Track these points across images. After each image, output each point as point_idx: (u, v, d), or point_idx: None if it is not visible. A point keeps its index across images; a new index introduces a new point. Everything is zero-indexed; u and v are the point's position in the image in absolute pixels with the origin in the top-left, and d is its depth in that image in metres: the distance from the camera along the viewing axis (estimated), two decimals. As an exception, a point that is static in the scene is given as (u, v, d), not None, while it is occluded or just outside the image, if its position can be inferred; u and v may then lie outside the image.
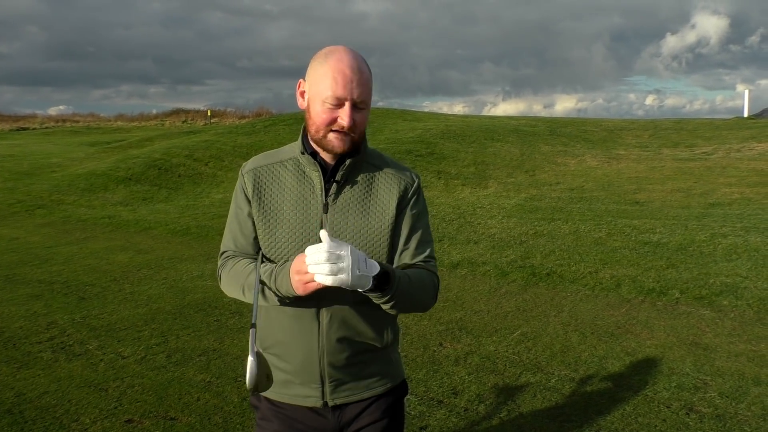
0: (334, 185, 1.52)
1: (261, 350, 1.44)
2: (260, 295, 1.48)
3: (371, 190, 1.55)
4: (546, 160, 13.79)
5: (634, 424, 3.37)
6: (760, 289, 5.55)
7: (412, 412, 3.53)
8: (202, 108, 38.55)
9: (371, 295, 1.43)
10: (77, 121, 37.48)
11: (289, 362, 1.54)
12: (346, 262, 1.31)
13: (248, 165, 1.62)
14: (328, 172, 1.53)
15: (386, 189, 1.55)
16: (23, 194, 12.81)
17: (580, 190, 10.85)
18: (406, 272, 1.50)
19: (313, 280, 1.34)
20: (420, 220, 1.59)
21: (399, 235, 1.56)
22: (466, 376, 4.02)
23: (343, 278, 1.32)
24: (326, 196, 1.52)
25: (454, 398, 3.71)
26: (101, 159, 17.52)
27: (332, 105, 1.44)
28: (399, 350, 1.72)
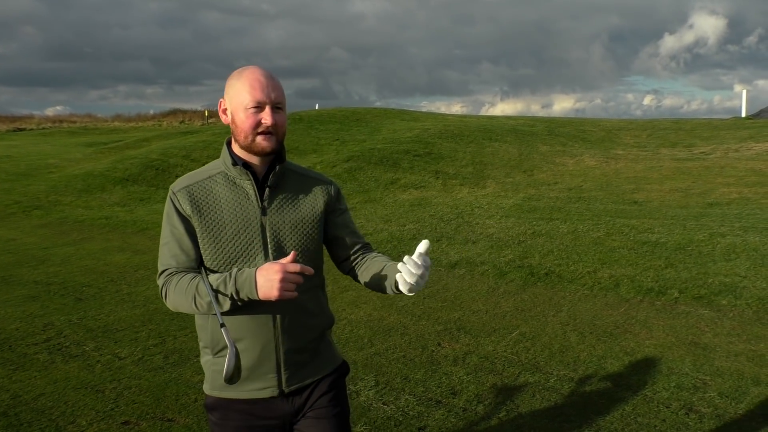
0: (267, 190, 1.70)
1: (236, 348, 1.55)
2: (217, 300, 1.59)
3: (299, 192, 1.76)
4: (544, 160, 13.79)
5: (634, 424, 3.36)
6: (759, 288, 5.55)
7: (411, 413, 3.52)
8: (199, 108, 38.46)
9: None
10: (74, 122, 37.41)
11: (246, 358, 1.66)
12: (426, 277, 1.58)
13: (177, 185, 1.72)
14: (258, 181, 1.70)
15: (313, 191, 1.78)
16: (20, 195, 12.77)
17: (578, 189, 10.84)
18: (385, 258, 1.77)
19: (290, 291, 1.53)
20: (347, 212, 1.86)
21: (338, 227, 1.81)
22: (465, 376, 4.00)
23: (419, 288, 1.58)
24: (261, 200, 1.69)
25: (453, 398, 3.70)
26: (98, 160, 17.48)
27: (254, 108, 1.62)
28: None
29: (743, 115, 22.16)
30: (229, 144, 1.74)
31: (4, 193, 13.05)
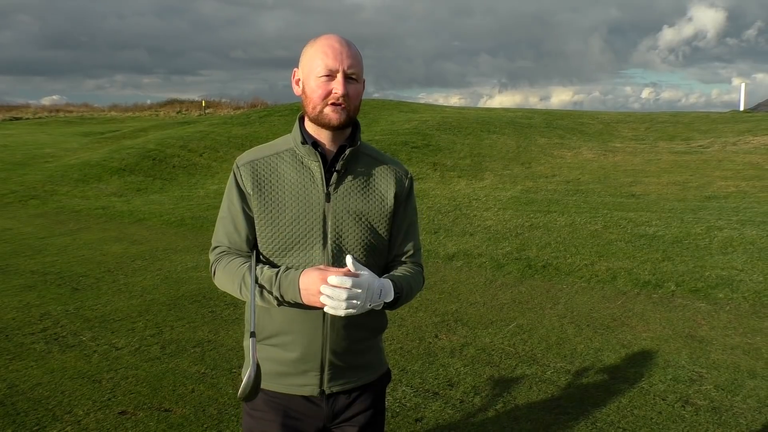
0: (335, 175, 1.55)
1: (258, 360, 1.45)
2: (258, 297, 1.51)
3: (370, 179, 1.59)
4: (542, 153, 13.78)
5: (630, 416, 3.37)
6: (755, 281, 5.56)
7: (408, 404, 3.52)
8: (196, 98, 38.34)
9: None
10: (71, 111, 37.25)
11: (292, 351, 1.57)
12: (360, 300, 1.40)
13: (243, 158, 1.61)
14: (327, 163, 1.56)
15: (384, 180, 1.61)
16: (16, 184, 12.72)
17: (576, 182, 10.84)
18: (409, 281, 1.60)
19: (336, 306, 1.40)
20: (414, 215, 1.69)
21: (396, 224, 1.64)
22: (462, 368, 4.01)
23: (352, 312, 1.41)
24: (327, 185, 1.55)
25: (450, 390, 3.70)
26: (95, 149, 17.42)
27: (325, 77, 1.47)
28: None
29: (741, 108, 22.17)
30: (302, 120, 1.59)
31: (1, 182, 12.99)
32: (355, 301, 1.39)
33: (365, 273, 1.44)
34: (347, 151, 1.56)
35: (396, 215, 1.63)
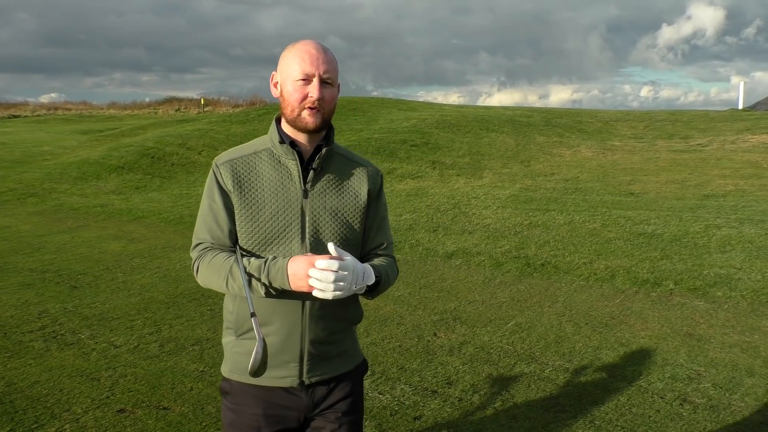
0: (312, 173, 1.64)
1: (264, 337, 1.52)
2: (249, 285, 1.55)
3: (344, 177, 1.69)
4: (541, 151, 13.78)
5: (628, 414, 3.37)
6: (753, 280, 5.57)
7: (406, 402, 3.52)
8: (195, 96, 38.29)
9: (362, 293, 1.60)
10: (69, 109, 37.19)
11: (270, 344, 1.60)
12: (347, 282, 1.48)
13: (222, 158, 1.67)
14: (304, 161, 1.64)
15: (358, 178, 1.71)
16: (15, 182, 12.70)
17: (575, 180, 10.84)
18: (386, 270, 1.68)
19: (324, 288, 1.46)
20: (385, 210, 1.78)
21: (369, 219, 1.72)
22: (461, 366, 4.01)
23: (339, 294, 1.48)
24: (305, 182, 1.63)
25: (449, 388, 3.71)
26: (93, 147, 17.40)
27: (302, 81, 1.56)
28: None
29: (740, 107, 22.18)
30: (278, 121, 1.69)
31: (-1, 180, 12.97)
32: (341, 283, 1.46)
33: (349, 257, 1.51)
34: (324, 150, 1.64)
35: (369, 210, 1.72)
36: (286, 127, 1.66)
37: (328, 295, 1.46)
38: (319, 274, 1.45)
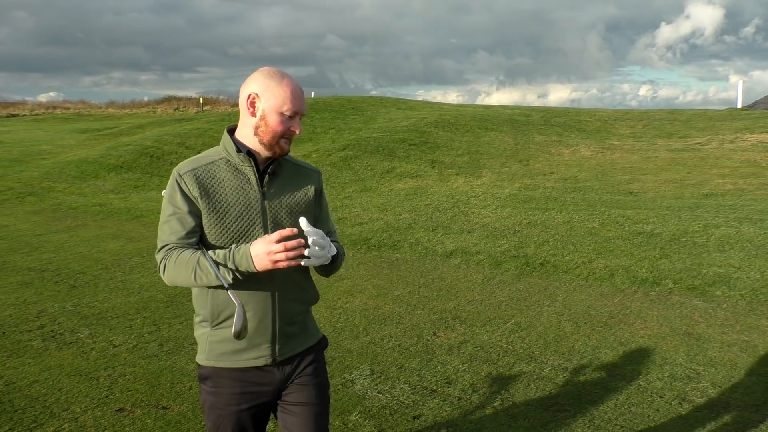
0: (267, 177, 1.85)
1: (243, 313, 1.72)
2: (219, 272, 1.73)
3: (294, 179, 1.92)
4: (540, 150, 13.78)
5: (628, 413, 3.37)
6: (752, 279, 5.57)
7: (406, 402, 3.52)
8: (194, 95, 38.22)
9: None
10: (68, 108, 37.15)
11: (248, 329, 1.79)
12: (327, 249, 1.76)
13: (183, 168, 1.83)
14: (259, 168, 1.85)
15: (305, 179, 1.95)
16: (13, 181, 12.68)
17: (573, 180, 10.85)
18: (340, 248, 1.95)
19: (278, 261, 1.67)
20: (327, 203, 2.05)
21: (317, 212, 1.97)
22: (460, 366, 4.01)
23: (323, 261, 1.76)
24: (262, 186, 1.84)
25: (448, 387, 3.71)
26: (92, 146, 17.37)
27: (289, 116, 1.80)
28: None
29: (739, 106, 22.19)
30: (230, 132, 1.88)
31: (-3, 179, 12.95)
32: (324, 252, 1.75)
33: (319, 231, 1.78)
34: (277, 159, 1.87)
35: (316, 206, 1.97)
36: (244, 137, 1.85)
37: (316, 262, 1.73)
38: (317, 250, 1.72)
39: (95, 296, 5.51)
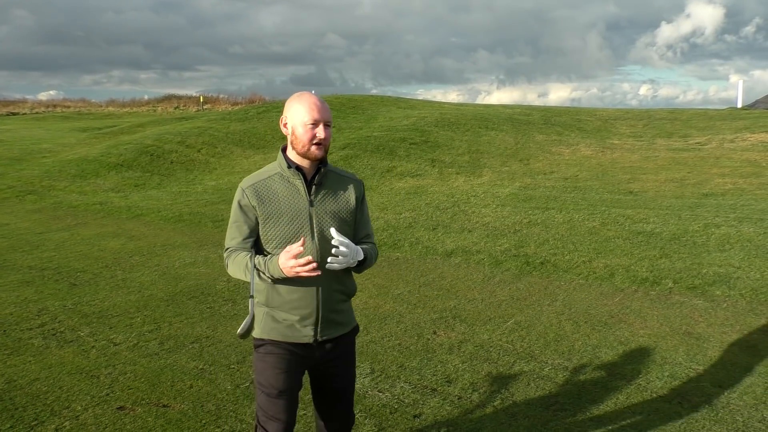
0: (314, 187, 2.21)
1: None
2: (257, 277, 2.17)
3: (338, 189, 2.26)
4: (540, 149, 13.78)
5: (627, 412, 3.38)
6: (752, 279, 5.58)
7: (406, 401, 3.53)
8: (194, 94, 38.17)
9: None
10: (68, 107, 37.15)
11: (297, 313, 2.20)
12: (350, 255, 2.10)
13: (246, 183, 2.23)
14: (307, 179, 2.20)
15: (348, 188, 2.29)
16: (14, 180, 12.69)
17: (574, 179, 10.85)
18: (370, 251, 2.27)
19: (303, 271, 2.03)
20: (367, 210, 2.37)
21: (357, 217, 2.30)
22: (460, 365, 4.02)
23: (347, 265, 2.12)
24: (309, 195, 2.19)
25: (448, 386, 3.71)
26: (92, 145, 17.38)
27: (312, 125, 2.13)
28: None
29: (739, 105, 22.17)
30: (283, 150, 2.25)
31: (-2, 177, 12.95)
32: (345, 258, 2.09)
33: (347, 240, 2.11)
34: (322, 170, 2.22)
35: (357, 211, 2.29)
36: (291, 155, 2.22)
37: (335, 265, 2.07)
38: (342, 259, 2.08)
39: (96, 294, 5.52)
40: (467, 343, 4.38)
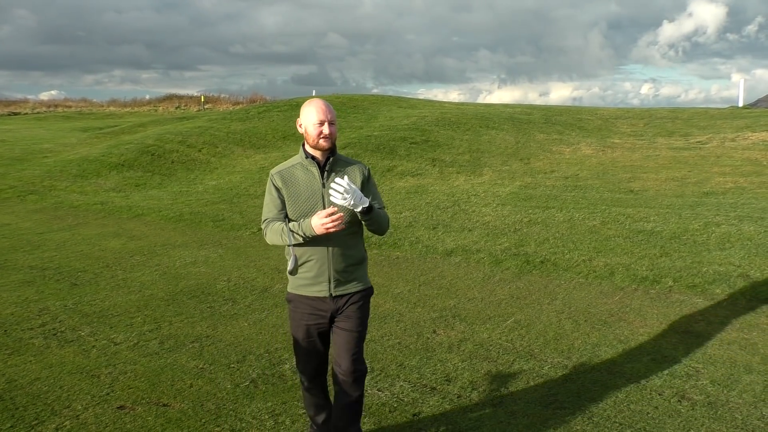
0: (326, 173, 2.79)
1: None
2: (292, 236, 2.70)
3: (346, 172, 2.79)
4: (541, 149, 13.78)
5: (627, 411, 3.38)
6: (752, 277, 5.58)
7: (405, 399, 3.53)
8: (195, 94, 38.19)
9: (361, 216, 2.69)
10: (69, 107, 37.19)
11: (312, 271, 2.78)
12: (353, 197, 2.59)
13: (274, 170, 2.85)
14: (321, 167, 2.79)
15: (354, 173, 2.83)
16: (15, 180, 12.71)
17: (574, 178, 10.84)
18: (377, 209, 2.78)
19: (329, 228, 2.59)
20: (375, 187, 2.92)
21: (366, 193, 2.79)
22: (460, 363, 4.02)
23: (348, 201, 2.58)
24: (323, 179, 2.78)
25: (448, 385, 3.72)
26: (94, 145, 17.40)
27: (318, 123, 2.72)
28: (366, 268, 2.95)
29: (740, 104, 22.15)
30: (303, 146, 2.83)
31: (-1, 177, 12.97)
32: (348, 196, 2.57)
33: (350, 184, 2.59)
34: (331, 159, 2.81)
35: (363, 189, 2.80)
36: (308, 149, 2.81)
37: (339, 201, 2.57)
38: (348, 198, 2.58)
39: (96, 294, 5.53)
40: (467, 342, 4.38)
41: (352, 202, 2.58)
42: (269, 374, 3.88)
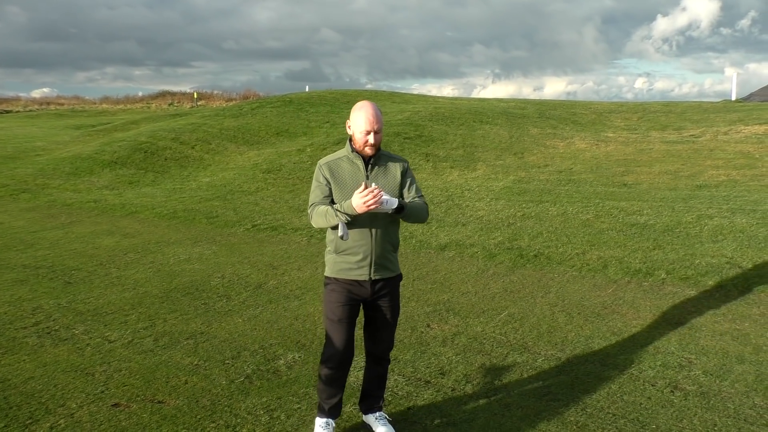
0: (370, 166, 3.00)
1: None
2: (335, 216, 2.86)
3: (387, 167, 3.05)
4: (535, 143, 13.80)
5: (620, 402, 3.40)
6: (744, 269, 5.61)
7: (400, 393, 3.55)
8: (188, 90, 38.09)
9: (394, 214, 2.92)
10: (62, 104, 37.01)
11: (356, 256, 2.95)
12: (387, 201, 2.79)
13: (323, 162, 3.03)
14: (365, 161, 2.99)
15: (395, 167, 3.06)
16: (7, 178, 12.64)
17: (568, 172, 10.87)
18: (412, 204, 2.99)
19: (370, 205, 2.74)
20: (414, 179, 3.11)
21: (405, 187, 3.06)
22: (454, 357, 4.03)
23: (382, 208, 2.79)
24: (367, 171, 2.99)
25: (442, 378, 3.73)
26: (86, 142, 17.32)
27: (365, 133, 2.92)
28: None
29: (733, 98, 22.23)
30: (350, 141, 3.01)
31: (-9, 176, 12.90)
32: (382, 199, 2.77)
33: (385, 193, 2.81)
34: (377, 154, 3.00)
35: (403, 181, 3.06)
36: (354, 144, 2.99)
37: (375, 206, 2.75)
38: (373, 199, 2.75)
39: (90, 292, 5.51)
40: (461, 336, 4.40)
41: (386, 206, 2.79)
42: (264, 370, 3.88)
